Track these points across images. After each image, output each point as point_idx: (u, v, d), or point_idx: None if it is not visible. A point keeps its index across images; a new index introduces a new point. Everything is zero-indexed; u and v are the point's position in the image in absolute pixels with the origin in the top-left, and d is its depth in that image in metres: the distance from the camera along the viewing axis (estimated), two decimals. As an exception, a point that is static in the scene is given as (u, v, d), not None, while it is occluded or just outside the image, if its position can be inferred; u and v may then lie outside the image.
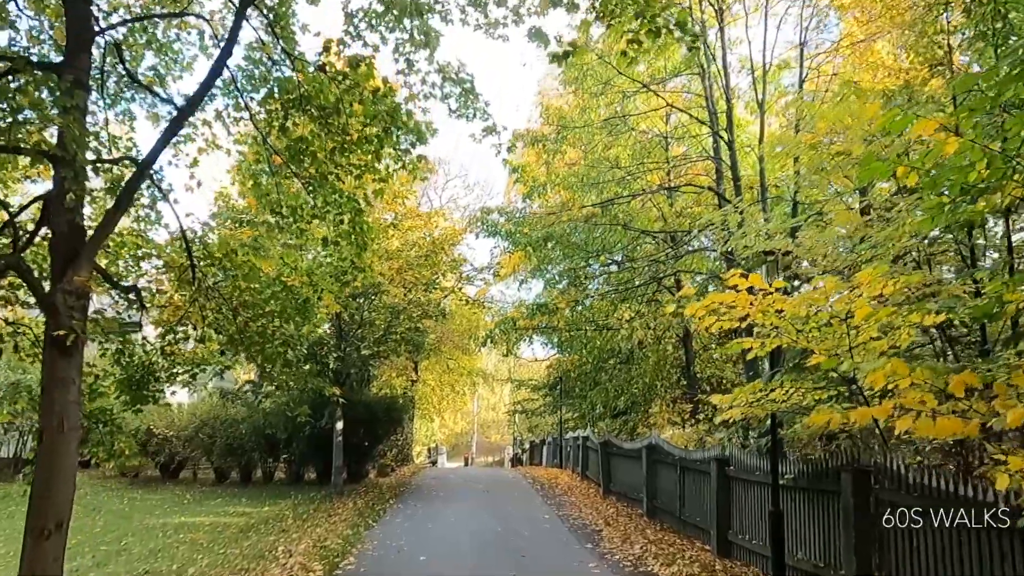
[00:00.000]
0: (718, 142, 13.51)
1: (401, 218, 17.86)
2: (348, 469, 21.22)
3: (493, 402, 70.98)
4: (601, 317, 15.98)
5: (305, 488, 19.69)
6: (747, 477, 9.78)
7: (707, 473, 11.12)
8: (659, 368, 18.70)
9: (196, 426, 20.63)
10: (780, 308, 6.70)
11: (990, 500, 5.06)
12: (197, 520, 15.37)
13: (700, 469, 11.53)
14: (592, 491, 18.59)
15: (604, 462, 18.16)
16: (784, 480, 8.39)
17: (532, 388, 34.70)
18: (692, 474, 11.96)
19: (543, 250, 14.81)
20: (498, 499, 17.27)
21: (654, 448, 14.41)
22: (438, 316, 18.50)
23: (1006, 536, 4.92)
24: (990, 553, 5.11)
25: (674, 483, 12.87)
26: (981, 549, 5.20)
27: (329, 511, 15.44)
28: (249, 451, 20.06)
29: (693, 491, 11.87)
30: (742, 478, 9.98)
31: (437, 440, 54.04)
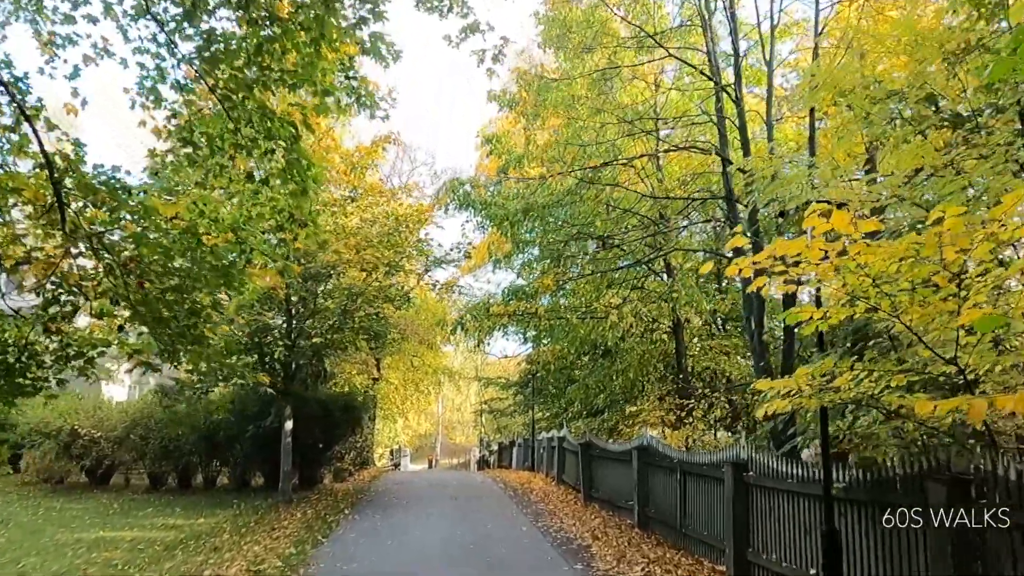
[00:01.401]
0: (721, 100, 11.86)
1: (361, 193, 15.90)
2: (300, 474, 19.14)
3: (458, 402, 69.01)
4: (585, 303, 14.27)
5: (251, 495, 17.57)
6: (774, 485, 8.09)
7: (718, 480, 9.42)
8: (645, 362, 17.05)
9: (127, 426, 18.34)
10: (863, 262, 4.97)
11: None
12: (118, 535, 13.24)
13: (708, 475, 9.83)
14: (571, 498, 16.82)
15: (585, 466, 16.41)
16: (834, 490, 6.69)
17: (501, 387, 32.92)
18: (697, 480, 10.26)
19: (520, 226, 13.03)
20: (468, 507, 15.40)
21: (647, 450, 12.70)
22: (401, 303, 16.57)
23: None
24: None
25: (673, 490, 11.17)
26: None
27: (273, 523, 13.41)
28: (187, 454, 17.85)
29: (698, 500, 10.17)
30: (766, 486, 8.28)
31: (400, 442, 51.88)
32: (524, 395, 29.32)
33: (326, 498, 16.82)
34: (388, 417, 43.16)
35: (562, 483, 19.56)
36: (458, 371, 41.91)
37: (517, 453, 29.19)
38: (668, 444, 12.34)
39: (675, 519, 10.99)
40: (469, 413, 64.33)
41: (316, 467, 19.13)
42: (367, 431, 25.57)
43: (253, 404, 16.89)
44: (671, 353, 18.29)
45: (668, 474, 11.50)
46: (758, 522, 8.47)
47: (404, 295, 15.50)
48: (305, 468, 18.92)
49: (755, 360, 11.24)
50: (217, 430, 17.42)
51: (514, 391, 31.49)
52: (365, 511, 14.81)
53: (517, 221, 12.90)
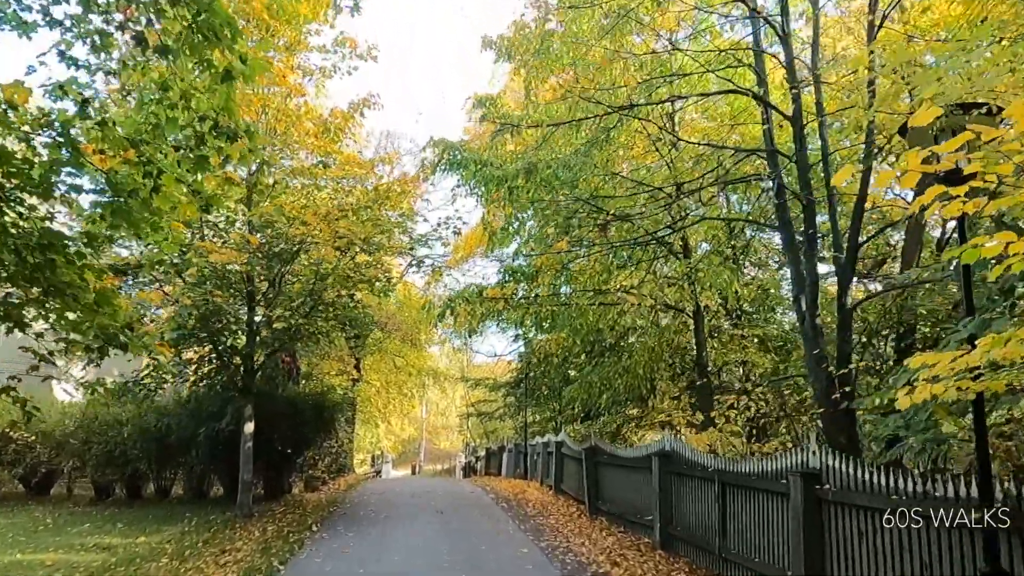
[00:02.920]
0: (759, 31, 9.93)
1: (336, 160, 13.78)
2: (265, 483, 16.96)
3: (443, 406, 66.74)
4: (595, 285, 12.29)
5: (207, 508, 15.35)
6: (868, 503, 6.10)
7: (779, 495, 7.44)
8: (656, 357, 15.07)
9: (65, 429, 16.07)
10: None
11: None
12: (37, 558, 11.06)
13: (762, 487, 7.84)
14: (574, 510, 14.77)
15: (590, 474, 14.38)
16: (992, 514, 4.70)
17: (490, 388, 30.82)
18: (744, 494, 8.27)
19: (520, 192, 11.00)
20: (456, 522, 13.31)
21: (669, 456, 10.72)
22: (382, 289, 14.45)
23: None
24: None
25: (709, 505, 9.18)
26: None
27: (225, 544, 11.26)
28: (134, 460, 15.60)
29: (747, 519, 8.17)
30: (855, 504, 6.29)
31: (383, 447, 49.65)
32: (516, 396, 27.26)
33: (293, 511, 14.65)
34: (369, 421, 40.90)
35: (561, 493, 17.52)
36: (444, 372, 39.69)
37: (507, 459, 27.08)
38: (696, 449, 10.33)
39: (712, 541, 8.99)
40: (454, 417, 62.13)
41: (283, 475, 16.95)
42: (344, 435, 23.37)
43: (210, 403, 14.71)
44: (684, 346, 16.30)
45: (701, 485, 9.51)
46: (840, 551, 6.48)
47: (385, 279, 13.38)
48: (271, 476, 16.75)
49: (807, 347, 9.29)
50: (169, 433, 15.20)
51: (504, 392, 29.41)
52: (336, 527, 12.67)
53: (516, 186, 10.89)
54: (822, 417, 9.13)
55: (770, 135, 9.87)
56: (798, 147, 9.43)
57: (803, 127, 9.49)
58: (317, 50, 14.59)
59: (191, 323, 10.46)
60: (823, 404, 9.17)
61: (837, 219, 9.80)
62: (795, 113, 9.52)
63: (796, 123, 9.50)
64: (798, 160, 9.39)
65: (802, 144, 9.41)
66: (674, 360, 15.57)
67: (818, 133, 9.84)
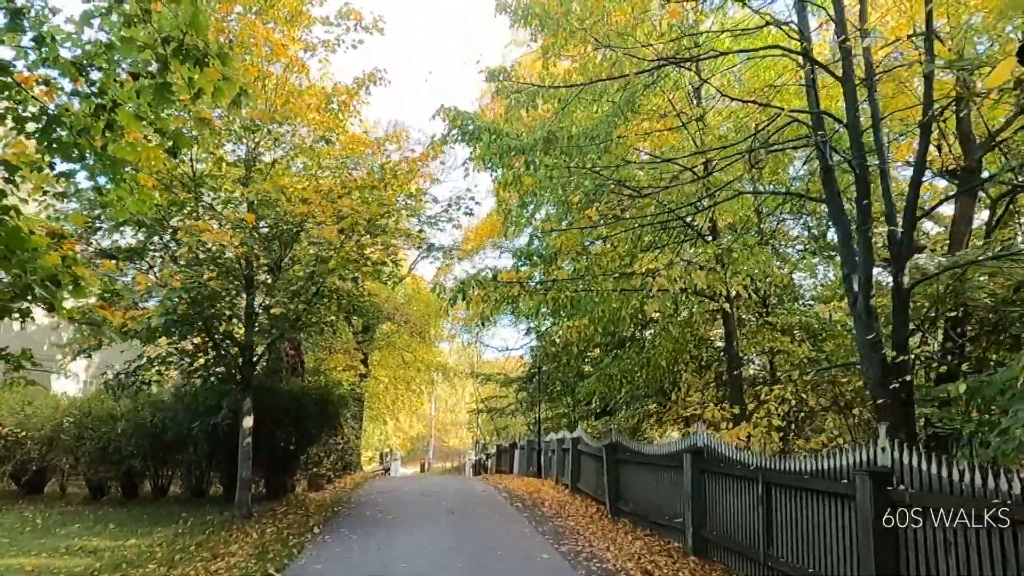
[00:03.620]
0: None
1: (338, 136, 12.89)
2: (267, 481, 16.12)
3: (452, 403, 65.98)
4: (619, 268, 11.33)
5: (205, 507, 14.53)
6: (952, 508, 5.18)
7: (839, 497, 6.51)
8: (680, 348, 14.13)
9: (56, 424, 15.27)
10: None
11: None
12: (17, 562, 10.28)
13: (817, 488, 6.91)
14: (593, 511, 13.86)
15: (611, 472, 13.46)
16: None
17: (501, 383, 29.92)
18: (795, 496, 7.34)
19: (538, 165, 10.03)
20: (469, 524, 12.43)
21: (702, 453, 9.78)
22: (389, 277, 13.58)
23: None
24: None
25: (751, 508, 8.25)
26: None
27: (219, 546, 10.42)
28: (129, 457, 14.77)
29: (799, 523, 7.24)
30: (936, 508, 5.37)
31: (391, 445, 48.89)
32: (528, 392, 26.35)
33: (295, 511, 13.79)
34: (377, 418, 40.14)
35: (578, 492, 16.61)
36: (453, 367, 38.80)
37: (519, 457, 26.16)
38: (732, 445, 9.38)
39: (755, 546, 8.07)
40: (463, 414, 61.26)
41: (286, 473, 16.09)
42: (350, 431, 22.50)
43: (208, 397, 13.86)
44: (707, 337, 15.34)
45: (741, 485, 8.58)
46: (920, 563, 5.55)
47: (393, 263, 12.45)
48: (273, 474, 15.90)
49: (860, 331, 8.33)
50: (165, 428, 14.37)
51: (516, 388, 28.51)
52: (340, 530, 11.80)
53: (534, 160, 9.94)
54: (877, 409, 8.17)
55: (815, 95, 8.90)
56: (849, 109, 8.46)
57: (855, 87, 8.52)
58: (320, 22, 13.72)
59: (181, 308, 9.61)
60: (878, 394, 8.21)
61: (890, 189, 8.84)
62: (845, 72, 8.55)
63: (847, 82, 8.53)
64: (849, 123, 8.42)
65: (854, 105, 8.45)
66: (700, 351, 14.62)
67: (867, 97, 8.90)
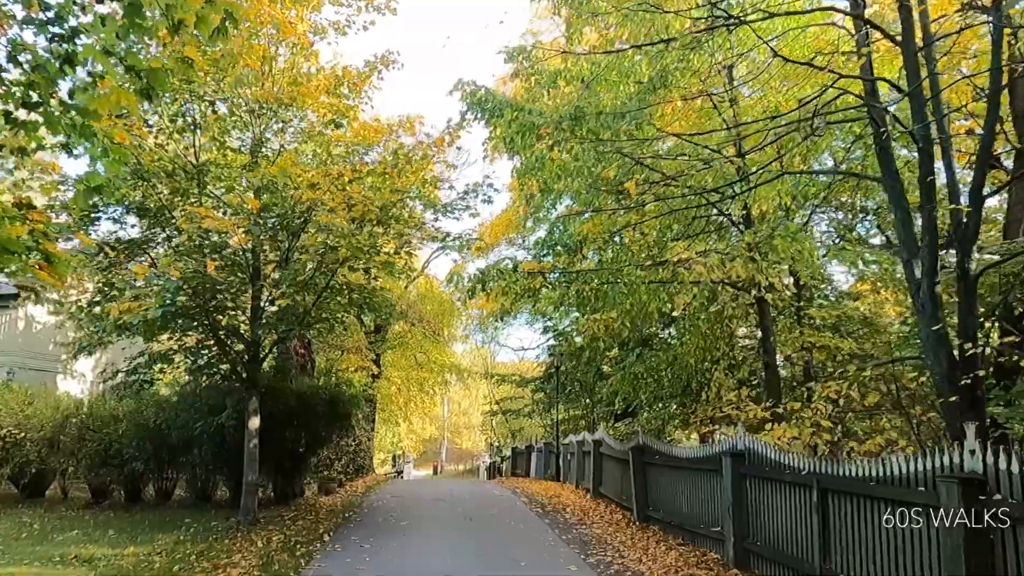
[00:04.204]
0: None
1: (348, 120, 12.18)
2: (275, 485, 15.43)
3: (465, 405, 65.31)
4: (647, 259, 10.51)
5: (210, 513, 13.86)
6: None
7: (916, 506, 5.70)
8: (711, 343, 13.33)
9: (56, 424, 14.64)
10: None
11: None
12: (9, 572, 9.66)
13: (884, 496, 6.11)
14: (619, 517, 13.08)
15: (639, 476, 12.68)
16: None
17: (517, 384, 29.15)
18: (856, 503, 6.55)
19: (563, 146, 9.25)
20: (489, 532, 11.69)
21: (743, 457, 8.98)
22: (403, 268, 12.87)
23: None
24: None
25: (804, 517, 7.45)
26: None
27: (221, 556, 9.71)
28: (131, 460, 14.11)
29: (863, 535, 6.43)
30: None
31: (403, 447, 48.25)
32: (545, 392, 25.57)
33: (304, 517, 13.09)
34: (390, 420, 39.51)
35: (600, 497, 15.82)
36: (467, 368, 38.07)
37: (536, 459, 25.37)
38: (777, 448, 8.57)
39: (808, 559, 7.28)
40: (476, 416, 60.55)
41: (295, 477, 15.38)
42: (362, 433, 21.81)
43: (212, 396, 13.19)
44: (740, 334, 14.52)
45: (791, 491, 7.78)
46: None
47: (406, 254, 11.72)
48: (281, 478, 15.21)
49: (924, 322, 7.52)
50: (169, 430, 13.71)
51: (532, 388, 27.74)
52: (351, 538, 11.07)
53: (559, 138, 9.17)
54: (946, 407, 7.35)
55: (869, 62, 8.09)
56: (910, 74, 7.65)
57: (916, 50, 7.71)
58: (329, 1, 13.05)
59: (181, 300, 8.91)
60: (945, 391, 7.40)
61: (953, 163, 8.02)
62: (905, 34, 7.75)
63: (906, 46, 7.72)
64: (911, 90, 7.60)
65: (915, 69, 7.63)
66: (731, 348, 13.78)
67: (925, 64, 8.08)
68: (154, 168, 11.46)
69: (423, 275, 33.83)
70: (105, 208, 12.06)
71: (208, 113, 11.37)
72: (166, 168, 11.75)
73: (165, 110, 11.14)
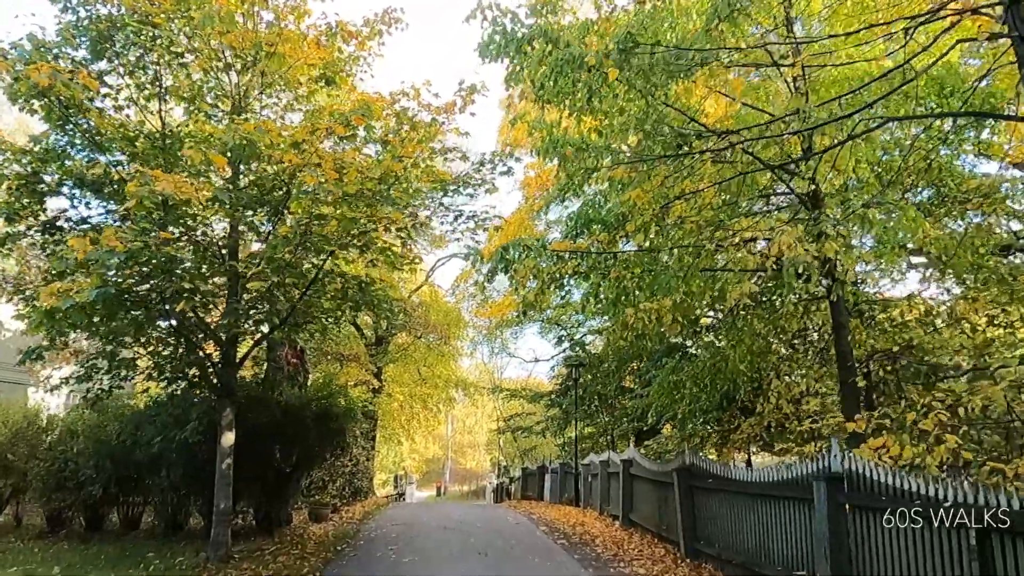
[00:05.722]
0: None
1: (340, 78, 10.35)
2: (256, 512, 13.40)
3: (470, 423, 63.12)
4: (704, 237, 8.58)
5: (181, 544, 11.84)
6: None
7: None
8: (764, 345, 11.37)
9: (5, 443, 12.65)
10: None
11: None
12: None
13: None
14: (660, 552, 11.03)
15: (685, 503, 10.64)
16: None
17: (529, 399, 27.07)
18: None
19: (607, 94, 7.36)
20: (510, 571, 9.64)
21: (842, 481, 6.98)
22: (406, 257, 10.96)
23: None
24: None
25: (948, 563, 5.44)
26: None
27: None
28: (89, 483, 12.11)
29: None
30: None
31: (406, 467, 46.09)
32: (561, 407, 23.49)
33: (288, 551, 11.06)
34: (391, 438, 37.34)
35: (633, 526, 13.75)
36: (474, 383, 35.99)
37: (551, 481, 23.24)
38: (890, 470, 6.55)
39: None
40: (482, 434, 58.36)
41: (280, 501, 13.31)
42: (360, 452, 19.75)
43: (180, 407, 11.21)
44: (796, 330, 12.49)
45: (925, 530, 5.76)
46: None
47: (408, 235, 9.80)
48: (264, 503, 13.18)
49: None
50: (133, 447, 11.73)
51: (546, 403, 25.65)
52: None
53: (600, 84, 7.27)
54: None
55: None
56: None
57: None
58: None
59: (124, 280, 7.01)
60: None
61: None
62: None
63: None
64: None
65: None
66: (793, 350, 11.82)
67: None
68: (113, 134, 9.63)
69: (427, 284, 31.95)
70: (57, 186, 10.20)
71: (174, 64, 9.54)
72: (128, 135, 9.91)
73: (124, 59, 9.31)
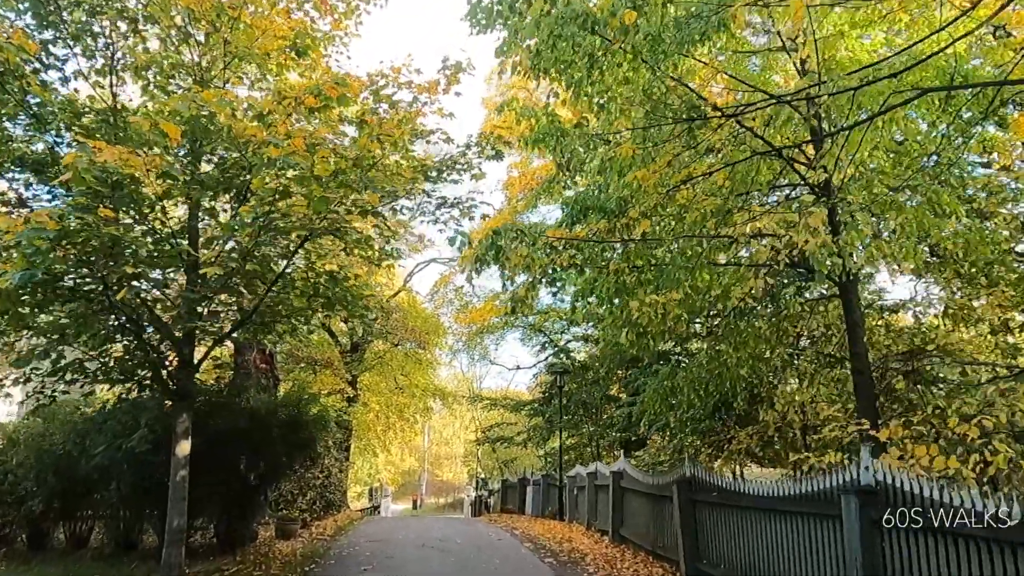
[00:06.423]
0: None
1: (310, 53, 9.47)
2: (218, 528, 12.32)
3: (447, 434, 61.97)
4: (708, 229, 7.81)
5: (132, 564, 10.77)
6: None
7: None
8: (767, 347, 10.62)
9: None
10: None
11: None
12: None
13: None
14: (657, 571, 10.18)
15: (686, 519, 9.80)
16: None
17: (511, 408, 26.15)
18: None
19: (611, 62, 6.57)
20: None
21: (874, 495, 6.18)
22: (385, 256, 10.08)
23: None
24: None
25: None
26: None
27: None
28: (29, 497, 10.98)
29: None
30: None
31: (381, 479, 44.78)
32: (544, 416, 22.61)
33: (250, 571, 10.04)
34: (367, 449, 36.12)
35: (624, 542, 12.87)
36: (452, 393, 34.99)
37: (533, 494, 22.29)
38: (929, 482, 5.76)
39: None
40: (460, 445, 57.20)
41: (244, 517, 12.22)
42: (333, 463, 18.67)
43: (129, 413, 10.14)
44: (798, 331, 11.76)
45: (983, 551, 4.97)
46: None
47: (386, 226, 8.90)
48: (227, 518, 12.11)
49: None
50: (79, 458, 10.63)
51: (528, 412, 24.73)
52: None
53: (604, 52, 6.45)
54: None
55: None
56: None
57: None
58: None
59: (56, 263, 6.04)
60: None
61: None
62: None
63: None
64: None
65: None
66: (800, 352, 11.10)
67: None
68: (58, 108, 8.66)
69: (405, 290, 30.98)
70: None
71: (128, 31, 8.58)
72: (76, 110, 8.93)
73: (70, 25, 8.33)
